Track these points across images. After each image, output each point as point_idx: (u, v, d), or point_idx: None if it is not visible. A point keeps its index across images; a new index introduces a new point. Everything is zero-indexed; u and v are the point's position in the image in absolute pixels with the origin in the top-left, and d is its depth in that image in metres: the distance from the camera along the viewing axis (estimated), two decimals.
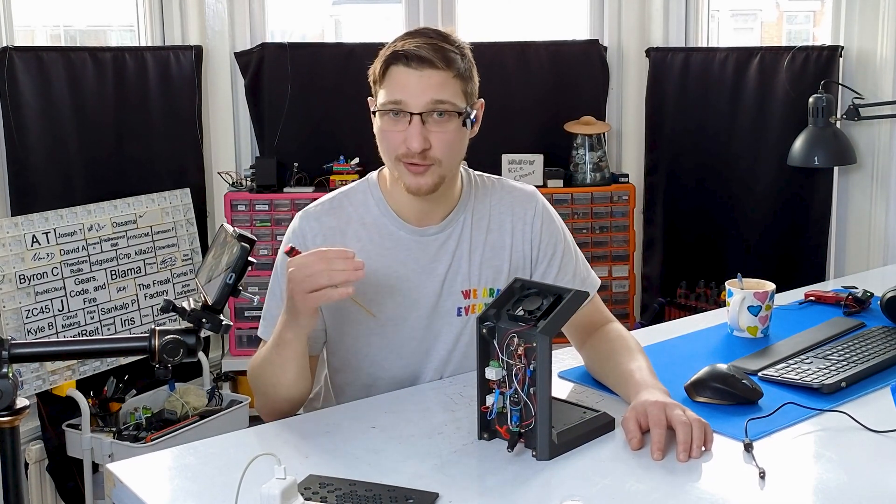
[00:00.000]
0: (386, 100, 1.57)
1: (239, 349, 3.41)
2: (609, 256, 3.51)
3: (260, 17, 3.59)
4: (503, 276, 1.71)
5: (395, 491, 1.22)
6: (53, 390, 2.83)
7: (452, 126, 1.58)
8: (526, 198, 1.77)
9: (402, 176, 1.60)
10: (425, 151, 1.56)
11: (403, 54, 1.55)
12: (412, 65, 1.54)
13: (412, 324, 1.68)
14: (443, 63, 1.55)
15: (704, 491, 1.24)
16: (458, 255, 1.69)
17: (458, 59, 1.58)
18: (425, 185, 1.59)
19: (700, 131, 3.52)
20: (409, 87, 1.54)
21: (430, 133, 1.56)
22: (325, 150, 3.35)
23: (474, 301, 1.70)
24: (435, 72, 1.54)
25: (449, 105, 1.56)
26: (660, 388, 1.46)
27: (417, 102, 1.54)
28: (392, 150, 1.59)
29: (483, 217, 1.73)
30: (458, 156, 1.63)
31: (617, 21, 3.71)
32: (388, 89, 1.57)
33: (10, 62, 2.87)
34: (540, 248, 1.74)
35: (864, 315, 2.04)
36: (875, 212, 3.13)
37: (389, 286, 1.65)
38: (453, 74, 1.56)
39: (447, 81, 1.56)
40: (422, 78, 1.54)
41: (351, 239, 1.66)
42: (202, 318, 1.25)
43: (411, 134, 1.54)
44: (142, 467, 1.34)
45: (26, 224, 2.82)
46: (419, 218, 1.68)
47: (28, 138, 2.92)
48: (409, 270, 1.67)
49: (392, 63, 1.56)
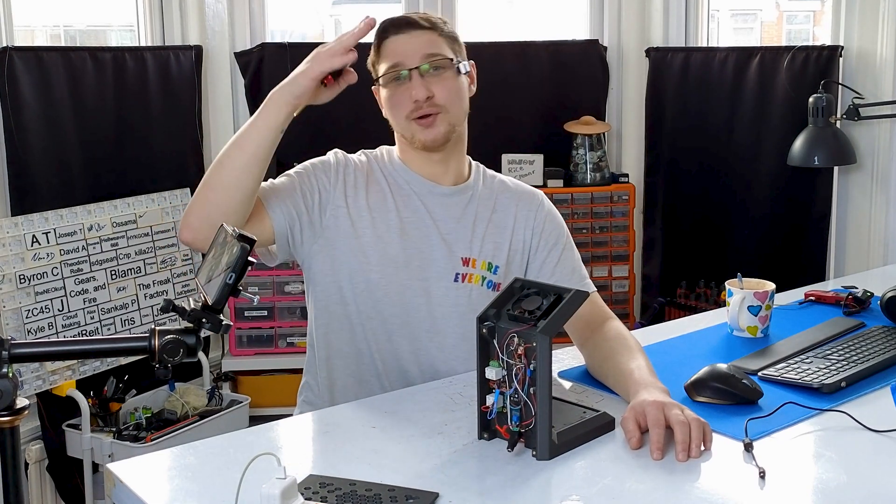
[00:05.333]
0: (386, 67, 1.71)
1: (239, 349, 3.41)
2: (609, 256, 3.51)
3: (260, 17, 3.59)
4: (503, 255, 1.78)
5: (395, 491, 1.22)
6: (53, 390, 2.83)
7: (449, 75, 1.72)
8: (532, 193, 1.86)
9: (415, 133, 1.71)
10: (430, 99, 1.68)
11: (391, 23, 1.72)
12: (402, 30, 1.71)
13: (411, 272, 1.72)
14: (427, 23, 1.72)
15: (704, 491, 1.24)
16: (464, 223, 1.77)
17: (441, 23, 1.75)
18: (439, 135, 1.71)
19: (700, 131, 3.52)
20: (401, 49, 1.70)
21: (431, 84, 1.69)
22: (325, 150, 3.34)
23: (472, 270, 1.75)
24: (422, 31, 1.72)
25: (441, 57, 1.71)
26: (659, 388, 1.47)
27: (412, 59, 1.69)
28: (401, 111, 1.71)
29: (489, 198, 1.82)
30: (461, 103, 1.75)
31: (617, 21, 3.71)
32: (385, 59, 1.72)
33: (10, 62, 2.87)
34: (542, 236, 1.81)
35: (864, 315, 2.04)
36: (875, 212, 3.13)
37: (399, 227, 1.73)
38: (439, 33, 1.73)
39: (435, 39, 1.72)
40: (411, 37, 1.71)
41: (372, 183, 1.77)
42: (202, 318, 1.25)
43: (414, 85, 1.68)
44: (142, 467, 1.33)
45: (26, 224, 2.82)
46: (431, 177, 1.78)
47: (28, 138, 2.92)
48: (418, 219, 1.75)
49: (383, 36, 1.73)
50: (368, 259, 1.71)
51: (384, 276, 1.71)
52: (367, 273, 1.71)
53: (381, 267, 1.71)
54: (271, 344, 3.41)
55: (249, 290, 1.33)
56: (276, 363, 3.37)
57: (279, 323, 3.38)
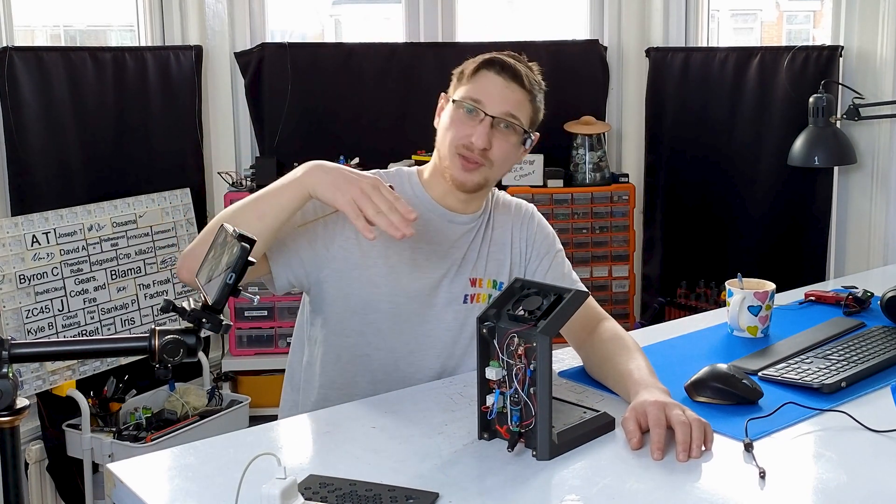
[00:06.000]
0: (467, 95, 1.69)
1: (239, 349, 3.41)
2: (609, 256, 3.51)
3: (260, 17, 3.59)
4: (505, 270, 1.79)
5: (395, 491, 1.22)
6: (53, 390, 2.83)
7: (514, 139, 1.71)
8: (524, 207, 1.88)
9: (453, 167, 1.70)
10: (484, 151, 1.67)
11: (500, 63, 1.69)
12: (503, 74, 1.69)
13: (421, 299, 1.71)
14: (528, 84, 1.71)
15: (704, 491, 1.24)
16: (473, 247, 1.78)
17: (538, 88, 1.74)
18: (471, 183, 1.70)
19: (700, 131, 3.52)
20: (492, 92, 1.68)
21: (494, 137, 1.68)
22: (325, 150, 3.34)
23: (480, 290, 1.76)
24: (519, 88, 1.69)
25: (518, 122, 1.70)
26: (659, 388, 1.47)
27: (495, 108, 1.67)
28: (455, 140, 1.69)
29: (490, 218, 1.82)
30: (506, 166, 1.76)
31: (617, 21, 3.71)
32: (473, 87, 1.69)
33: (10, 62, 2.87)
34: (534, 247, 1.83)
35: (864, 315, 2.04)
36: (875, 212, 3.13)
37: (409, 255, 1.72)
38: (530, 99, 1.71)
39: (524, 101, 1.71)
40: (506, 89, 1.68)
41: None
42: (202, 318, 1.25)
43: (479, 131, 1.66)
44: (142, 467, 1.33)
45: (26, 224, 2.82)
46: (451, 207, 1.77)
47: (28, 138, 2.92)
48: (431, 247, 1.74)
49: (486, 66, 1.70)
50: (379, 289, 1.69)
51: (395, 306, 1.70)
52: (377, 304, 1.69)
53: (392, 297, 1.69)
54: (271, 344, 3.41)
55: (249, 290, 1.33)
56: (276, 363, 3.37)
57: (279, 323, 3.38)
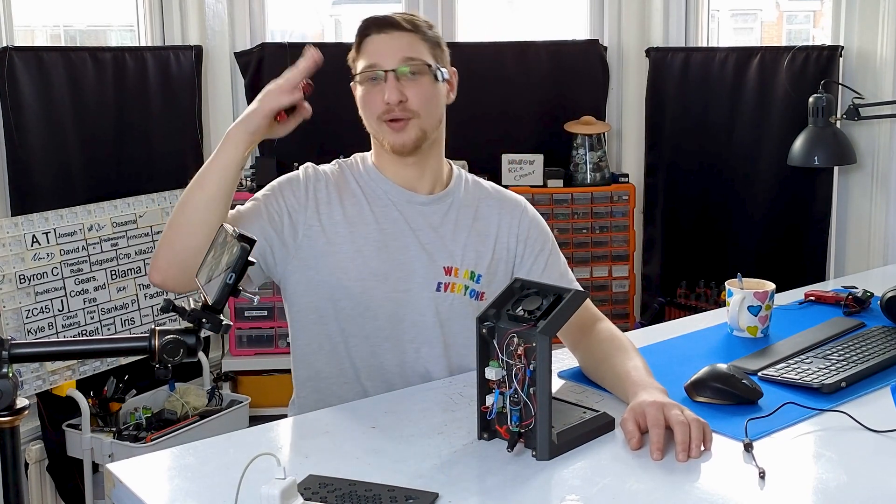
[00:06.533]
0: (363, 66, 1.69)
1: (239, 349, 3.41)
2: (609, 256, 3.51)
3: (260, 17, 3.59)
4: (485, 263, 1.75)
5: (395, 491, 1.22)
6: (53, 390, 2.83)
7: (426, 80, 1.68)
8: (515, 200, 1.84)
9: (385, 136, 1.69)
10: (402, 104, 1.66)
11: (373, 21, 1.70)
12: (383, 29, 1.68)
13: (391, 282, 1.69)
14: (410, 26, 1.69)
15: (704, 491, 1.24)
16: (443, 232, 1.74)
17: (425, 27, 1.72)
18: (408, 140, 1.68)
19: (700, 131, 3.52)
20: (381, 50, 1.67)
21: (405, 87, 1.66)
22: (325, 150, 3.33)
23: (454, 279, 1.73)
24: (403, 33, 1.68)
25: (419, 62, 1.67)
26: (657, 388, 1.46)
27: (390, 61, 1.66)
28: (373, 111, 1.68)
29: (470, 206, 1.79)
30: (434, 110, 1.71)
31: (617, 21, 3.71)
32: (363, 57, 1.69)
33: (10, 62, 2.87)
34: (527, 243, 1.79)
35: (864, 315, 2.04)
36: (875, 212, 3.13)
37: (375, 237, 1.70)
38: (420, 37, 1.70)
39: (415, 42, 1.69)
40: (391, 38, 1.68)
41: (347, 195, 1.73)
42: (202, 318, 1.25)
43: (388, 88, 1.65)
44: (142, 467, 1.33)
45: (26, 224, 2.82)
46: (406, 184, 1.75)
47: (28, 138, 2.92)
48: (397, 230, 1.72)
49: (365, 34, 1.70)
50: (348, 274, 1.68)
51: (365, 289, 1.68)
52: (347, 288, 1.68)
53: (361, 281, 1.68)
54: (271, 344, 3.41)
55: (249, 290, 1.33)
56: (276, 363, 3.37)
57: (279, 323, 3.38)
